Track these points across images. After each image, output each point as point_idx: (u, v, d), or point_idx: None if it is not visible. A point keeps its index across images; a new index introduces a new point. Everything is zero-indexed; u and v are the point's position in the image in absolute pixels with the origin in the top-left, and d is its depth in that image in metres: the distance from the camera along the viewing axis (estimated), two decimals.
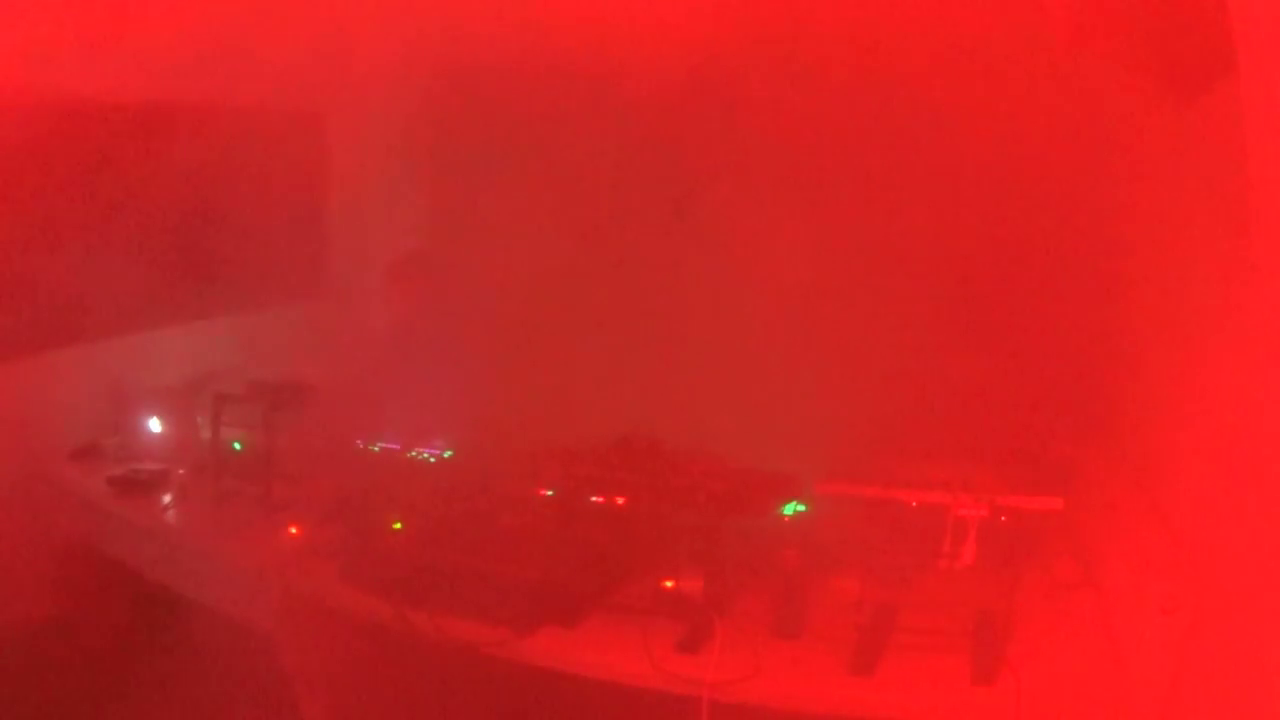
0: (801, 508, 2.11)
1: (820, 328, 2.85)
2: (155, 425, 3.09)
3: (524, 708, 2.18)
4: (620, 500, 2.15)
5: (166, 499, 2.79)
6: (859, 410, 2.51)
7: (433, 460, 2.67)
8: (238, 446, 2.88)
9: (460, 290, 3.34)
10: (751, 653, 1.85)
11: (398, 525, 2.32)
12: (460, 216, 4.03)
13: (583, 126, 3.37)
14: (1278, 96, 1.38)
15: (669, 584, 2.01)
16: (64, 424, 3.23)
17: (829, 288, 2.86)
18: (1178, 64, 1.85)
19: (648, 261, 3.20)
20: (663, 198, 3.18)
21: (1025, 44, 2.31)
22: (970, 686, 1.74)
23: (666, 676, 1.85)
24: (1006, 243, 2.59)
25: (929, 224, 2.76)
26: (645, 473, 2.05)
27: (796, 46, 2.95)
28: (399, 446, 2.72)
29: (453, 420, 2.87)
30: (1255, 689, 1.44)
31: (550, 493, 2.24)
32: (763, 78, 3.12)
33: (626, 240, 3.27)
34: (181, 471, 2.95)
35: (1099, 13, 1.85)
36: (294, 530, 2.47)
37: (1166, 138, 2.15)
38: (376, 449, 2.73)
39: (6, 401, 3.11)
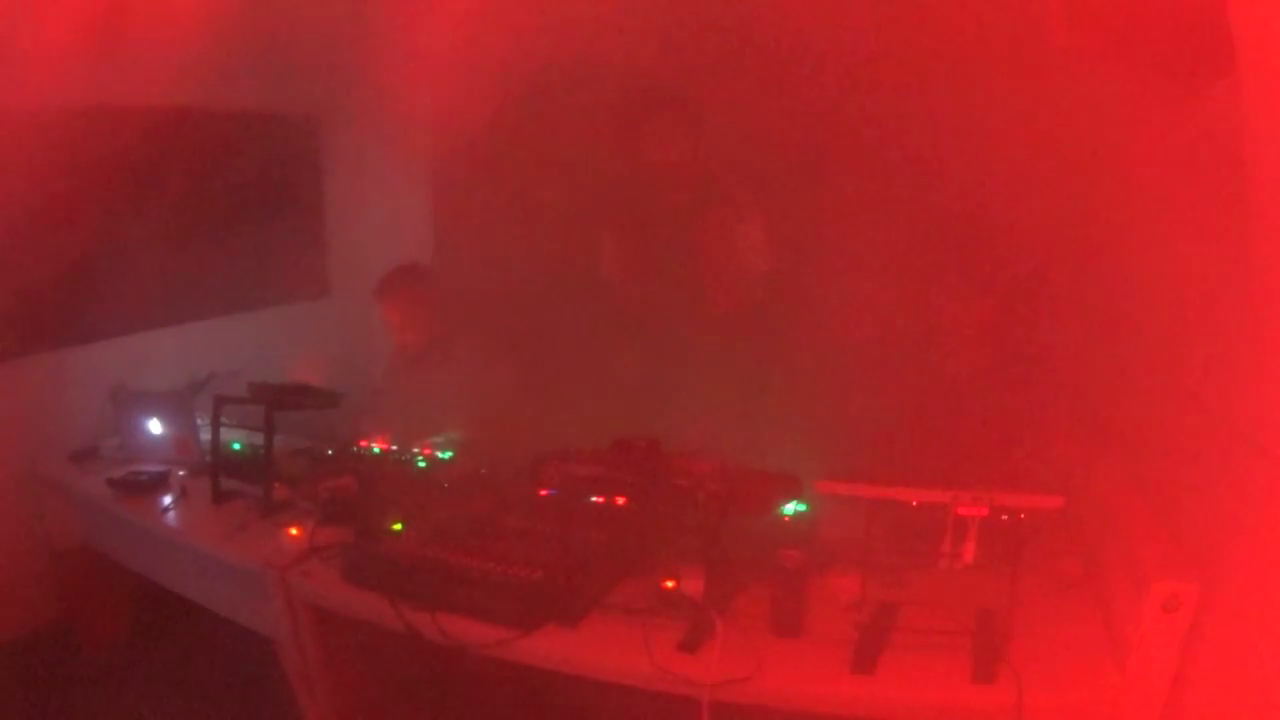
0: (802, 508, 2.10)
1: (821, 327, 2.85)
2: (155, 426, 3.09)
3: (524, 708, 2.18)
4: (620, 500, 2.15)
5: (166, 500, 2.78)
6: (860, 410, 2.51)
7: (433, 460, 2.67)
8: (238, 447, 2.88)
9: (460, 291, 3.34)
10: (751, 653, 1.85)
11: (398, 525, 2.32)
12: (460, 217, 4.03)
13: (583, 126, 3.38)
14: (1278, 96, 1.38)
15: (669, 584, 2.01)
16: (64, 424, 3.23)
17: (828, 288, 2.86)
18: (1177, 61, 1.84)
19: (648, 261, 3.19)
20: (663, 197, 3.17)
21: (1023, 43, 2.31)
22: (970, 686, 1.74)
23: (666, 676, 1.84)
24: (1006, 242, 2.58)
25: (928, 223, 2.76)
26: (645, 473, 2.04)
27: (788, 41, 2.95)
28: (399, 447, 2.72)
29: (453, 421, 2.88)
30: (1256, 689, 1.44)
31: (550, 493, 2.24)
32: (757, 71, 3.12)
33: (627, 239, 3.26)
34: (181, 473, 2.95)
35: (1097, 9, 1.85)
36: (294, 531, 2.47)
37: (1166, 136, 2.15)
38: (377, 449, 2.73)
39: (6, 401, 3.11)
